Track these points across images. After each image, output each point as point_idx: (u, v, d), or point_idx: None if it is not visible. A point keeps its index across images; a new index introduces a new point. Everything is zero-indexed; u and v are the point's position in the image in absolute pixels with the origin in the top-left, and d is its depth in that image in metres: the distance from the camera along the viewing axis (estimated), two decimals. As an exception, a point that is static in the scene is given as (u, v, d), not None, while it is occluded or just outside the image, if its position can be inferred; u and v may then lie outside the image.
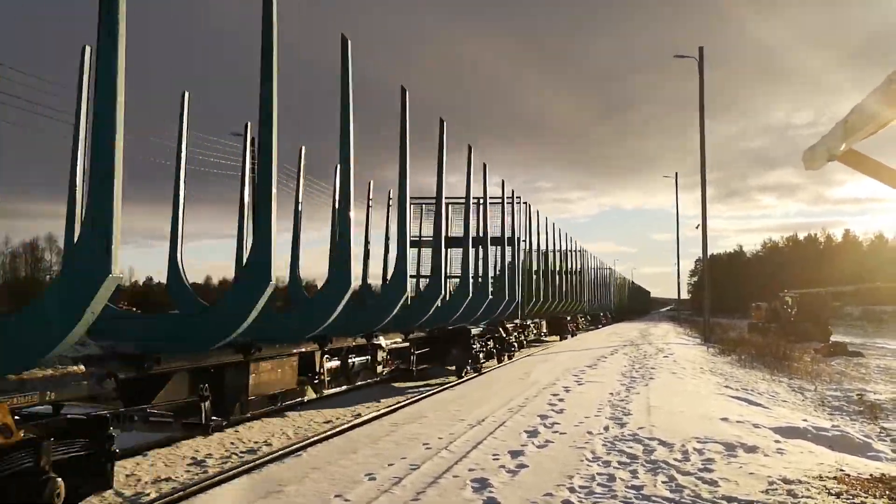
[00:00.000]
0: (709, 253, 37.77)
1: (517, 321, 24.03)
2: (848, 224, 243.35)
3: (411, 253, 17.61)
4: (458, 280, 17.88)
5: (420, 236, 22.35)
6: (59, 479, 4.95)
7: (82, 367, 5.78)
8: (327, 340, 10.77)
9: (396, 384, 16.02)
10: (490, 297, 18.47)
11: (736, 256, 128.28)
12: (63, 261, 7.05)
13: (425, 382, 16.31)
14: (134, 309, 13.34)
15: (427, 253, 21.37)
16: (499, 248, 22.38)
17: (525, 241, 25.36)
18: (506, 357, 21.89)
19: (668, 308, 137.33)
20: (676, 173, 62.12)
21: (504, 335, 21.42)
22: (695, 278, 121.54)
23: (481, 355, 18.49)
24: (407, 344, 14.53)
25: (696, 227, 38.88)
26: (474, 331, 17.58)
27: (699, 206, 36.50)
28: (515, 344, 23.84)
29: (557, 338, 35.44)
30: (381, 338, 12.84)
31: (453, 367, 17.10)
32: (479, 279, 19.24)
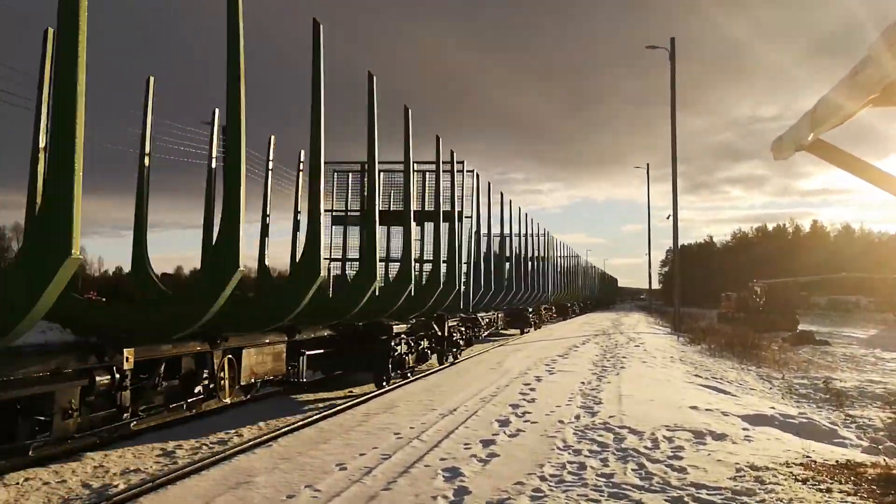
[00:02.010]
0: (679, 244, 38.06)
1: (462, 315, 19.98)
2: (814, 215, 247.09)
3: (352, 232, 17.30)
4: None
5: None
6: None
7: None
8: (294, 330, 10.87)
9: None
10: (421, 285, 15.85)
11: (706, 247, 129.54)
12: (23, 241, 6.99)
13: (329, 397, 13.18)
14: (103, 299, 13.06)
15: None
16: (448, 223, 17.74)
17: (472, 218, 20.77)
18: (448, 357, 18.19)
19: (640, 298, 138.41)
20: (648, 164, 63.00)
21: (441, 333, 17.32)
22: (666, 269, 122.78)
23: (409, 358, 15.05)
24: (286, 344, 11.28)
25: (667, 218, 39.15)
26: (398, 328, 14.04)
27: (668, 198, 36.81)
28: (462, 342, 19.91)
29: (518, 331, 32.61)
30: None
31: (371, 373, 13.75)
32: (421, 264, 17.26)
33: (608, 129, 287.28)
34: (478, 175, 21.55)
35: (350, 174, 18.08)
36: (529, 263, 33.28)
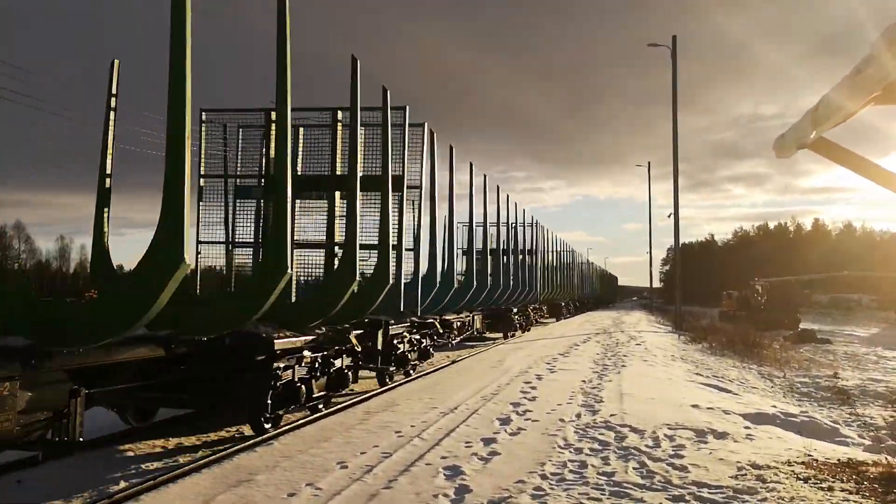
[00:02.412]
0: (680, 242, 38.02)
1: (414, 319, 15.45)
2: (815, 213, 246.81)
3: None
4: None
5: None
6: None
7: None
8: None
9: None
10: (331, 276, 11.91)
11: (707, 245, 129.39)
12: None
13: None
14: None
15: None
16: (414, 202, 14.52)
17: (422, 189, 14.75)
18: (390, 378, 13.84)
19: (643, 297, 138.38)
20: (649, 162, 62.97)
21: (373, 346, 12.87)
22: (667, 267, 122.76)
23: (312, 385, 9.93)
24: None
25: (668, 216, 39.04)
26: (284, 343, 9.03)
27: (669, 197, 36.71)
28: (411, 354, 15.12)
29: (501, 335, 27.63)
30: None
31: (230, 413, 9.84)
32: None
33: (609, 127, 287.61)
34: (432, 132, 15.77)
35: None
36: (509, 257, 28.47)
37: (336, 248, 12.41)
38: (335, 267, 11.84)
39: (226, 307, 8.72)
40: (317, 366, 10.15)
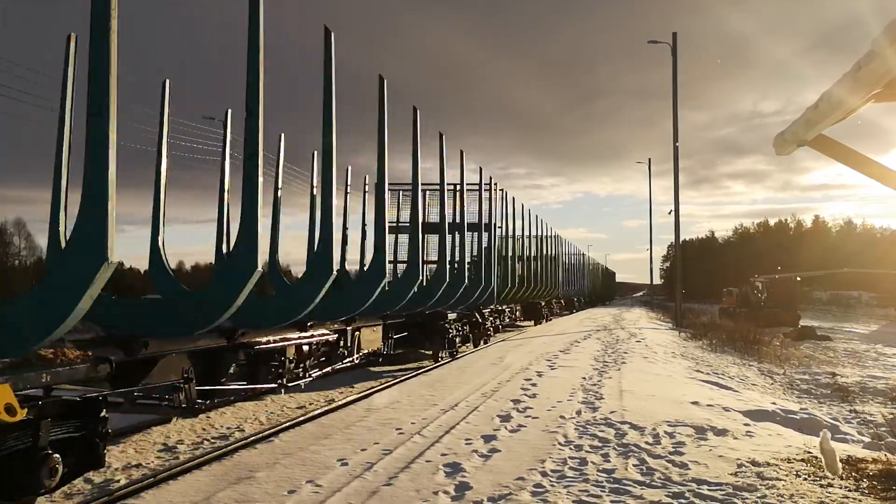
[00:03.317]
0: (681, 238, 38.01)
1: (493, 306, 24.14)
2: (815, 210, 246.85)
3: (389, 239, 17.64)
4: (435, 266, 17.99)
5: (397, 222, 22.26)
6: (57, 456, 5.18)
7: (74, 350, 5.82)
8: (307, 326, 11.24)
9: (372, 369, 16.09)
10: (466, 282, 18.69)
11: (708, 242, 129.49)
12: (50, 251, 7.31)
13: (400, 367, 16.34)
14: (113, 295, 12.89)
15: (404, 239, 21.46)
16: (476, 234, 22.40)
17: (501, 227, 25.49)
18: (482, 342, 22.21)
19: (641, 293, 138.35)
20: (650, 159, 62.96)
21: (480, 320, 21.75)
22: (667, 264, 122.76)
23: (457, 340, 18.76)
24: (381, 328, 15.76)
25: (669, 213, 38.97)
26: (451, 316, 17.90)
27: (670, 193, 36.72)
28: (491, 329, 24.11)
29: (532, 322, 36.02)
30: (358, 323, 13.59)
31: (430, 352, 17.45)
32: (456, 265, 19.50)
33: (610, 123, 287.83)
34: (505, 191, 26.04)
35: (401, 192, 22.66)
36: (541, 262, 35.57)
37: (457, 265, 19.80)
38: (467, 280, 18.94)
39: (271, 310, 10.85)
40: (458, 330, 19.03)
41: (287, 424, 9.09)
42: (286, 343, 10.91)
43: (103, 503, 6.06)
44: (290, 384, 11.14)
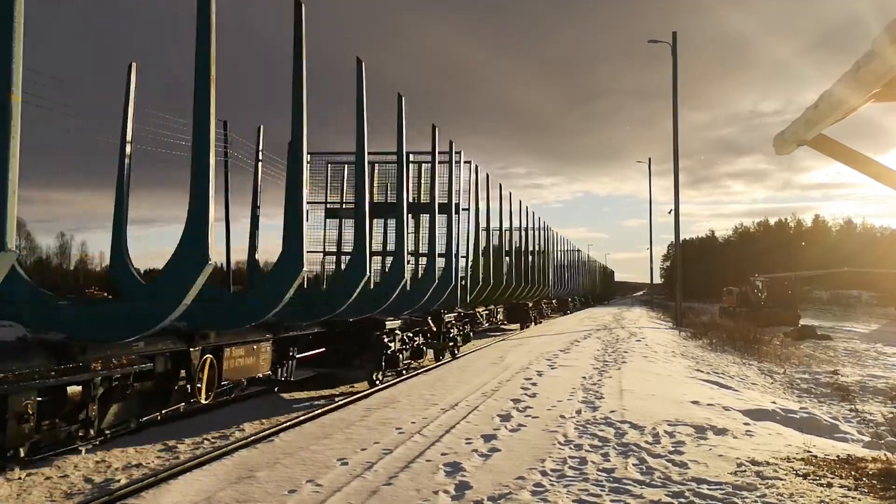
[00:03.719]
0: (681, 238, 38.01)
1: (460, 310, 19.65)
2: (815, 209, 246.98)
3: (314, 222, 17.21)
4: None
5: (341, 203, 18.09)
6: None
7: None
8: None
9: (285, 395, 12.92)
10: (406, 279, 14.12)
11: (708, 241, 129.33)
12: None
13: (323, 394, 13.19)
14: (105, 294, 12.35)
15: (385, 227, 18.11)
16: (448, 217, 17.26)
17: (467, 209, 19.64)
18: (446, 354, 18.31)
19: (641, 293, 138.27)
20: (650, 158, 62.93)
21: (438, 328, 17.19)
22: (667, 263, 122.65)
23: (403, 355, 14.56)
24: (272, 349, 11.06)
25: (669, 213, 38.95)
26: (391, 324, 13.65)
27: (670, 193, 36.69)
28: (459, 337, 19.38)
29: (518, 326, 32.46)
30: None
31: (363, 374, 13.48)
32: (417, 256, 16.76)
33: (610, 123, 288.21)
34: (477, 167, 20.83)
35: (346, 166, 17.84)
36: (527, 257, 32.27)
37: (422, 258, 16.48)
38: (421, 274, 15.94)
39: (359, 300, 11.26)
40: (406, 341, 14.71)
41: (287, 424, 9.10)
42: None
43: (104, 503, 6.07)
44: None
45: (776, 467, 6.88)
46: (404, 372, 14.37)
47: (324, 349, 12.73)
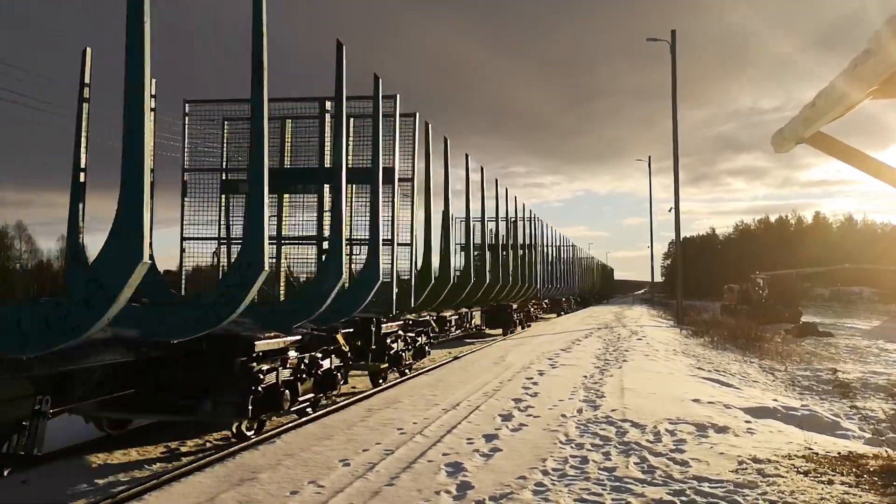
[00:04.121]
0: (682, 236, 38.01)
1: (409, 317, 15.17)
2: (815, 206, 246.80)
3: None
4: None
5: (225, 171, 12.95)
6: None
7: None
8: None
9: None
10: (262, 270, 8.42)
11: (709, 239, 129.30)
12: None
13: None
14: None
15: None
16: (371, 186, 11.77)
17: (409, 179, 13.89)
18: (380, 381, 13.26)
19: (642, 291, 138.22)
20: (650, 157, 62.99)
21: (361, 343, 12.22)
22: (668, 261, 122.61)
23: (297, 388, 9.25)
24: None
25: (669, 211, 38.95)
26: (264, 345, 8.39)
27: (670, 191, 36.67)
28: (405, 353, 14.48)
29: (500, 331, 27.88)
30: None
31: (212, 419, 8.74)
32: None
33: (609, 122, 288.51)
34: (427, 123, 15.17)
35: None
36: (508, 251, 27.22)
37: (325, 244, 11.51)
38: (374, 269, 10.83)
39: (199, 307, 7.57)
40: (303, 367, 9.51)
41: (289, 425, 9.11)
42: None
43: (106, 506, 6.03)
44: None
45: (777, 465, 6.89)
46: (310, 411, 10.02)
47: (135, 388, 7.55)
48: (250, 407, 8.13)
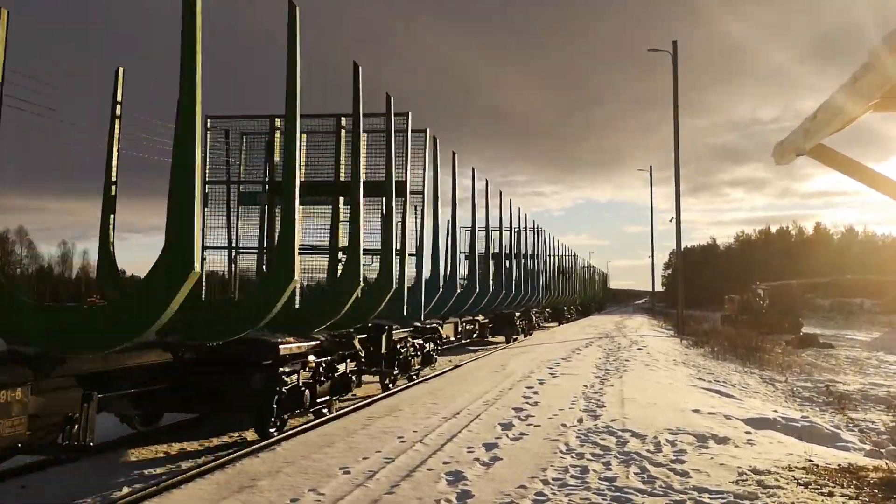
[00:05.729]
0: (682, 245, 38.01)
1: (418, 324, 15.13)
2: (815, 217, 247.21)
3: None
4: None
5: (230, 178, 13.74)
6: None
7: None
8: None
9: None
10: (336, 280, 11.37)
11: (709, 249, 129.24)
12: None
13: None
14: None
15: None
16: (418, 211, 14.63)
17: (423, 194, 14.65)
18: (395, 381, 13.80)
19: (643, 300, 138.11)
20: (651, 166, 63.13)
21: (377, 350, 12.59)
22: (669, 271, 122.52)
23: (317, 389, 9.87)
24: None
25: (670, 221, 38.97)
26: (289, 347, 9.02)
27: (670, 200, 36.69)
28: (413, 358, 14.68)
29: (503, 339, 28.17)
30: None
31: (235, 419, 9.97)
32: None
33: (610, 131, 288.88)
34: (435, 137, 15.42)
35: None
36: (511, 261, 29.02)
37: (340, 253, 11.81)
38: (339, 272, 11.14)
39: (233, 314, 8.40)
40: (321, 370, 10.08)
41: (289, 433, 9.11)
42: None
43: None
44: None
45: (777, 476, 6.89)
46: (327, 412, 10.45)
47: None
48: (274, 406, 8.77)
